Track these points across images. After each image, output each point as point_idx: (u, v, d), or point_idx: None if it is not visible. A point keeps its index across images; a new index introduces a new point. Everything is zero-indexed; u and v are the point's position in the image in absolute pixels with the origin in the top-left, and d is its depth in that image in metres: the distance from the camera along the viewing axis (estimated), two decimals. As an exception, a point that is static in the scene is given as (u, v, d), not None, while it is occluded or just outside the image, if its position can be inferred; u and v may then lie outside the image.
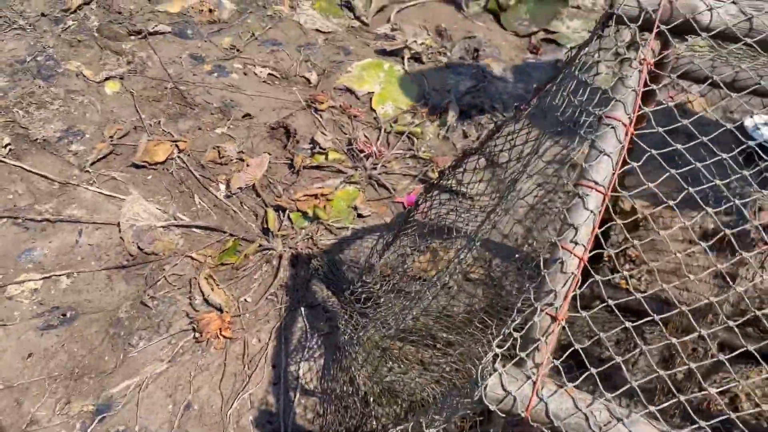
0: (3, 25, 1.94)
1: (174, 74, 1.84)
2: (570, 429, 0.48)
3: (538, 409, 0.48)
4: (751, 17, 0.53)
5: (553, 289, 0.50)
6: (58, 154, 1.58)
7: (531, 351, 0.50)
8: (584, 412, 0.47)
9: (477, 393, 0.49)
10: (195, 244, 1.40)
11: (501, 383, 0.49)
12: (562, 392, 0.48)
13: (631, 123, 0.52)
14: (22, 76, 1.77)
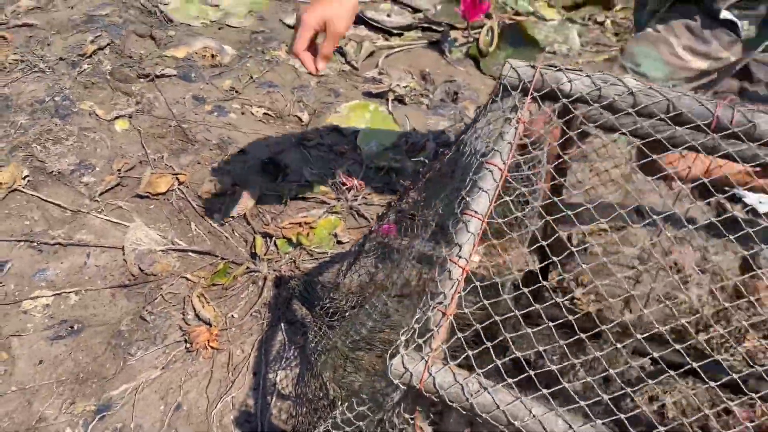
0: (25, 68, 2.15)
1: (177, 113, 2.03)
2: (451, 396, 0.63)
3: (429, 382, 0.64)
4: (600, 87, 0.70)
5: (443, 292, 0.66)
6: (71, 185, 1.76)
7: (426, 338, 0.66)
8: (461, 383, 0.63)
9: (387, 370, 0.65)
10: (190, 266, 1.56)
11: (402, 363, 0.65)
12: (446, 369, 0.64)
13: (505, 167, 0.68)
14: (40, 114, 1.96)
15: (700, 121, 0.66)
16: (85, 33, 2.34)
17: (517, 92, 0.72)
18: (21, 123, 1.92)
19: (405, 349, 0.66)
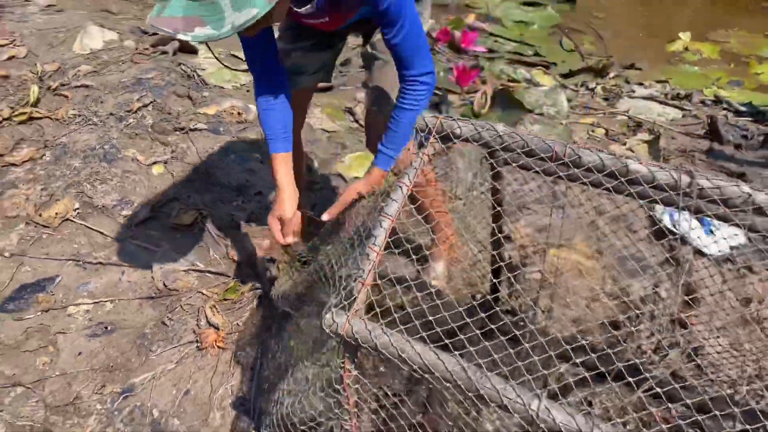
0: (81, 121, 2.54)
1: (206, 161, 2.38)
2: (362, 339, 0.90)
3: (348, 330, 0.91)
4: (479, 131, 0.99)
5: (363, 268, 0.94)
6: (113, 216, 2.10)
7: (350, 301, 0.93)
8: (368, 329, 0.90)
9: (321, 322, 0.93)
10: (206, 283, 1.87)
11: (332, 317, 0.92)
12: (360, 321, 0.92)
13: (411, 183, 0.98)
14: (91, 159, 2.33)
15: (544, 154, 0.95)
16: (133, 93, 2.74)
17: (424, 134, 1.02)
18: (75, 166, 2.29)
19: (334, 308, 0.94)
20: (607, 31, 4.36)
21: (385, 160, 1.41)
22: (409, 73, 1.37)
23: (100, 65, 2.94)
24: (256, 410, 1.51)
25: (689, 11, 4.74)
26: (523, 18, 4.42)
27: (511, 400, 0.80)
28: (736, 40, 4.32)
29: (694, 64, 4.00)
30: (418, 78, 1.37)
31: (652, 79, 3.72)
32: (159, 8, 1.05)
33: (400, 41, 1.32)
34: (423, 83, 1.38)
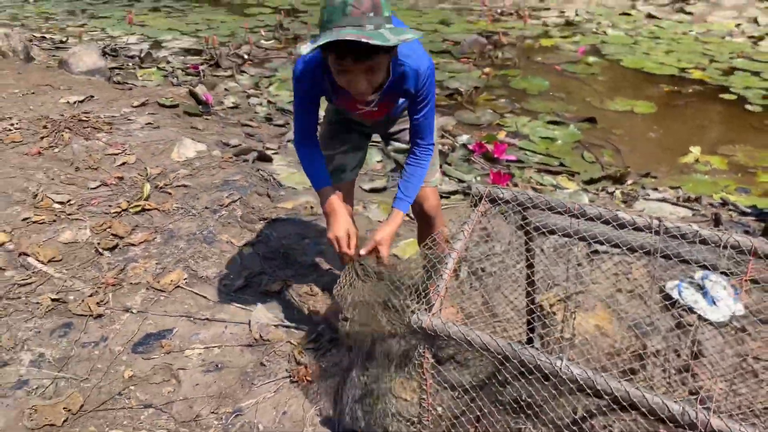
0: (183, 213, 3.09)
1: (285, 243, 2.88)
2: (439, 330, 1.32)
3: (429, 326, 1.33)
4: (516, 196, 1.46)
5: (438, 285, 1.38)
6: (214, 285, 2.58)
7: (429, 306, 1.36)
8: (444, 323, 1.32)
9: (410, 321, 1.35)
10: (293, 336, 2.30)
11: (418, 316, 1.35)
12: (437, 319, 1.34)
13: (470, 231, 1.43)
14: (194, 241, 2.85)
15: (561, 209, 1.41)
16: (222, 192, 3.31)
17: (478, 197, 1.49)
18: (181, 246, 2.81)
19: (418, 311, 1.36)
20: (624, 145, 4.90)
21: (405, 205, 1.91)
22: (424, 142, 1.90)
23: (195, 170, 3.54)
24: (339, 427, 1.89)
25: (699, 129, 5.28)
26: (548, 135, 5.00)
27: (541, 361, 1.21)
28: (743, 154, 4.80)
29: (704, 174, 4.47)
30: (429, 145, 1.91)
31: (665, 185, 4.19)
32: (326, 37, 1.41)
33: (424, 116, 1.85)
34: (431, 149, 1.92)
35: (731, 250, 1.22)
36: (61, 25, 7.71)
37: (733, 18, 8.31)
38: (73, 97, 4.61)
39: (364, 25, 1.42)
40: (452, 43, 7.15)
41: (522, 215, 1.58)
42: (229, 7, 8.73)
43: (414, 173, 1.92)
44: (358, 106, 1.84)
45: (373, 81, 1.58)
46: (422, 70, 1.73)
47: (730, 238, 1.22)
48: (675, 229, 1.29)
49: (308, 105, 1.86)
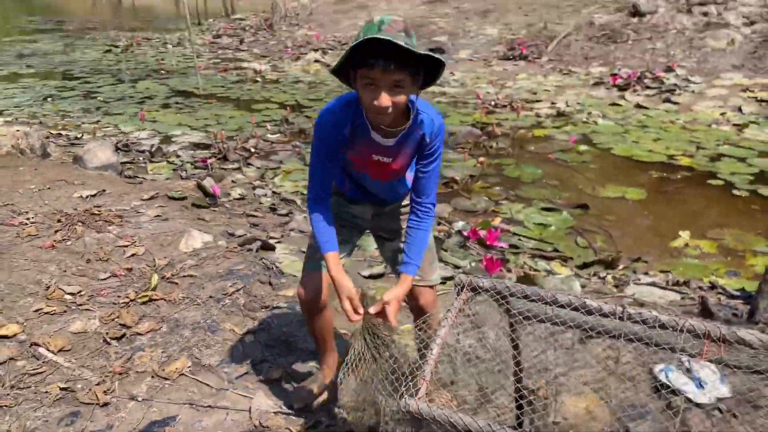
0: (188, 302, 3.22)
1: (286, 331, 2.99)
2: (425, 414, 1.42)
3: (416, 409, 1.43)
4: (495, 285, 1.59)
5: (425, 370, 1.50)
6: (217, 373, 2.68)
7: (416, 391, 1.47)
8: (429, 408, 1.42)
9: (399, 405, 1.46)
10: (292, 422, 2.38)
11: (406, 401, 1.46)
12: (423, 403, 1.45)
13: (454, 315, 1.55)
14: (198, 330, 2.96)
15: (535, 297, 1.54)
16: (227, 281, 3.45)
17: (460, 287, 1.63)
18: (186, 335, 2.92)
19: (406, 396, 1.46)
20: (616, 231, 5.06)
21: (413, 269, 2.01)
22: (426, 200, 2.03)
23: (201, 260, 3.70)
24: None
25: (689, 214, 5.45)
26: (542, 221, 5.18)
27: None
28: (732, 238, 4.95)
29: (694, 258, 4.61)
30: (430, 205, 2.04)
31: (656, 270, 4.32)
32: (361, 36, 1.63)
33: (430, 171, 1.99)
34: (432, 209, 2.04)
35: (687, 333, 1.34)
36: (76, 122, 8.10)
37: (717, 107, 8.68)
38: (86, 192, 4.84)
39: (397, 38, 1.61)
40: (447, 135, 7.47)
41: (505, 302, 1.71)
42: (237, 103, 9.17)
43: (417, 236, 2.03)
44: (374, 157, 1.96)
45: (396, 101, 1.71)
46: (437, 121, 1.94)
47: (686, 323, 1.34)
48: (637, 315, 1.42)
49: (326, 155, 1.95)
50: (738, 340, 1.28)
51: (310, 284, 2.21)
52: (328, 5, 18.21)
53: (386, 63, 1.64)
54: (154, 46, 14.53)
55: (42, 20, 20.53)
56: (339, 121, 1.91)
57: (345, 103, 1.91)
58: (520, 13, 13.95)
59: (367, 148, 1.96)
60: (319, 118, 1.94)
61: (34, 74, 11.28)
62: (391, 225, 2.29)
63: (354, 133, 1.93)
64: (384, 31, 1.64)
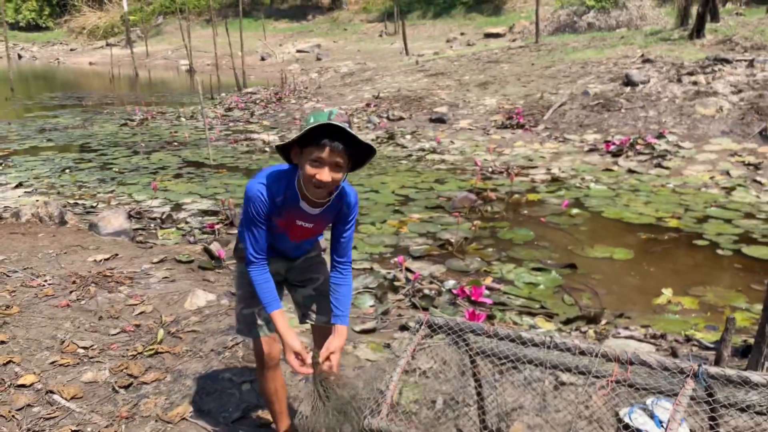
0: (192, 354, 3.47)
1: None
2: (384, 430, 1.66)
3: (377, 426, 1.67)
4: (449, 323, 1.85)
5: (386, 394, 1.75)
6: (215, 417, 2.90)
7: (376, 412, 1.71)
8: (388, 426, 1.66)
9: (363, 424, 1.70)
10: (281, 459, 2.59)
11: (368, 420, 1.70)
12: (384, 421, 1.69)
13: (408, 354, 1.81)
14: (200, 379, 3.20)
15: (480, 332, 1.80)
16: (227, 336, 3.71)
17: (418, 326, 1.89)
18: (188, 384, 3.16)
19: (370, 416, 1.70)
20: (602, 289, 5.29)
21: (346, 320, 2.32)
22: (347, 260, 2.36)
23: (204, 317, 3.97)
24: None
25: (673, 272, 5.68)
26: (531, 280, 5.43)
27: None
28: (713, 294, 5.17)
29: (676, 314, 4.82)
30: (348, 263, 2.37)
31: (637, 324, 4.53)
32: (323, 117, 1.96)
33: (348, 236, 2.33)
34: (350, 266, 2.37)
35: (601, 358, 1.60)
36: (92, 191, 8.53)
37: (707, 171, 9.01)
38: (100, 256, 5.16)
39: (345, 126, 1.96)
40: (445, 199, 7.82)
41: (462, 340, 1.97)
42: (245, 172, 9.61)
43: (343, 291, 2.36)
44: (297, 222, 2.25)
45: (335, 178, 2.03)
46: (354, 194, 2.27)
47: (601, 349, 1.60)
48: (561, 344, 1.68)
49: (259, 222, 2.18)
50: (640, 362, 1.54)
51: (273, 346, 2.44)
52: (336, 79, 19.05)
53: (336, 145, 1.99)
54: (168, 119, 15.21)
55: (63, 96, 21.51)
56: (272, 193, 2.18)
57: (276, 177, 2.18)
58: (519, 85, 14.56)
59: (293, 215, 2.23)
60: (252, 191, 2.15)
61: (54, 147, 11.86)
62: (302, 276, 2.52)
63: (284, 203, 2.21)
64: (333, 119, 1.98)
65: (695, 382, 1.49)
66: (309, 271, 2.56)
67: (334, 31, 37.33)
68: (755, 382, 1.43)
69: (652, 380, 1.67)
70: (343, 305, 2.35)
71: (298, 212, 2.22)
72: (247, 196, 2.18)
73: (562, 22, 26.11)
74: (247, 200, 2.18)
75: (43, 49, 46.98)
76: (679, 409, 1.41)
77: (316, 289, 2.55)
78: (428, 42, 30.12)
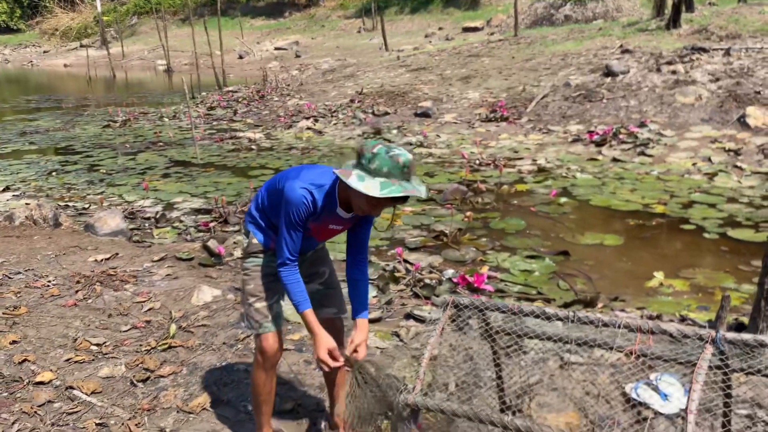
0: (204, 348, 3.53)
1: (294, 370, 3.29)
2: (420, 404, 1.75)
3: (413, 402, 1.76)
4: (473, 301, 1.95)
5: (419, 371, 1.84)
6: (235, 406, 2.97)
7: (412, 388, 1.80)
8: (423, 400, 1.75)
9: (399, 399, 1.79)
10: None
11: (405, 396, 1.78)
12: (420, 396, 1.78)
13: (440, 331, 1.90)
14: (215, 371, 3.27)
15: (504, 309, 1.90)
16: (237, 329, 3.77)
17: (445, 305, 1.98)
18: (205, 375, 3.23)
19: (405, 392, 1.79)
20: (595, 274, 5.43)
21: (367, 313, 2.42)
22: (363, 256, 2.45)
23: (212, 312, 4.03)
24: None
25: (662, 256, 5.84)
26: (526, 267, 5.55)
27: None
28: (703, 276, 5.33)
29: (668, 295, 4.97)
30: (366, 259, 2.45)
31: (633, 307, 4.67)
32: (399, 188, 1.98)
33: (367, 231, 2.41)
34: (366, 262, 2.45)
35: (624, 329, 1.70)
36: (81, 193, 8.50)
37: (689, 158, 9.22)
38: (100, 256, 5.18)
39: (411, 181, 2.04)
40: (436, 192, 7.92)
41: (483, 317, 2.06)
42: (234, 171, 9.63)
43: (363, 286, 2.45)
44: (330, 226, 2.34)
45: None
46: None
47: (623, 321, 1.71)
48: (585, 317, 1.78)
49: (301, 225, 2.23)
50: (661, 331, 1.65)
51: (279, 341, 2.53)
52: (317, 76, 19.06)
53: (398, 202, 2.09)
54: (151, 119, 15.12)
55: (40, 99, 21.24)
56: (314, 199, 2.24)
57: (318, 183, 2.21)
58: (501, 78, 14.70)
59: (329, 220, 2.30)
60: (295, 197, 2.18)
61: (37, 150, 11.76)
62: (309, 270, 2.54)
63: (323, 210, 2.27)
64: (406, 173, 2.01)
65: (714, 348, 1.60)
66: (316, 264, 2.62)
67: (311, 28, 37.22)
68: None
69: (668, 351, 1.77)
70: (363, 300, 2.43)
71: (334, 217, 2.28)
72: (289, 199, 2.20)
73: (540, 14, 26.34)
74: (288, 204, 2.20)
75: (15, 51, 46.19)
76: (700, 372, 1.51)
77: (322, 283, 2.62)
78: (407, 37, 30.18)
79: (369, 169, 2.03)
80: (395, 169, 2.01)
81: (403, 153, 2.03)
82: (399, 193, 1.98)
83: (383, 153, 2.02)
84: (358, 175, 2.04)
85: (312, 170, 2.30)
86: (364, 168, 2.05)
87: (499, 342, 2.19)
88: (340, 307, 2.62)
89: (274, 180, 2.40)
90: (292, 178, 2.25)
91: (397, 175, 2.00)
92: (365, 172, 2.04)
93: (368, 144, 2.09)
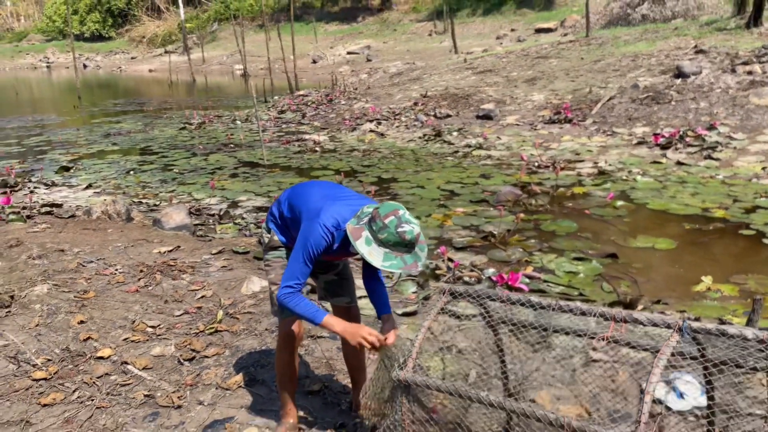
0: (248, 332, 3.80)
1: (327, 353, 3.52)
2: (411, 381, 1.91)
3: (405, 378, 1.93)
4: (468, 290, 2.09)
5: (412, 350, 2.01)
6: (268, 386, 3.22)
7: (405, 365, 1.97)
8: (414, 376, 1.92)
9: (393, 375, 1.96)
10: (326, 424, 2.88)
11: (397, 373, 1.95)
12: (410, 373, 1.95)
13: (434, 313, 2.06)
14: (254, 354, 3.53)
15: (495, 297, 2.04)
16: (280, 317, 4.03)
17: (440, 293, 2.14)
18: (245, 357, 3.49)
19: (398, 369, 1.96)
20: (642, 277, 5.40)
21: (390, 309, 2.63)
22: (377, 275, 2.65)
23: (259, 300, 4.31)
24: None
25: (715, 261, 5.73)
26: (572, 269, 5.58)
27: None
28: (755, 282, 5.21)
29: (714, 300, 4.90)
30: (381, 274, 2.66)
31: (674, 310, 4.64)
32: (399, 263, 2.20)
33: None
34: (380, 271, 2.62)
35: (600, 317, 1.82)
36: (155, 191, 9.08)
37: (759, 162, 8.89)
38: (164, 248, 5.59)
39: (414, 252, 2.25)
40: (489, 194, 8.00)
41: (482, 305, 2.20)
42: (297, 171, 10.01)
43: (381, 290, 2.68)
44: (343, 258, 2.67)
45: None
46: None
47: (598, 310, 1.82)
48: (565, 306, 1.90)
49: (313, 260, 2.39)
50: (633, 320, 1.75)
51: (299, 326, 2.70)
52: (384, 79, 19.37)
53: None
54: (224, 122, 15.82)
55: (125, 102, 22.56)
56: (333, 239, 2.42)
57: (337, 228, 2.38)
58: (567, 80, 14.53)
59: (342, 253, 2.52)
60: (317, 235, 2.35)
61: (118, 151, 12.57)
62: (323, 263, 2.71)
63: (339, 247, 2.46)
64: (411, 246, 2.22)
65: (681, 336, 1.69)
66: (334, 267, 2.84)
67: (383, 32, 37.71)
68: (730, 334, 1.62)
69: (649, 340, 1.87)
70: (385, 301, 2.66)
71: (347, 250, 2.48)
72: (311, 233, 2.36)
73: (615, 14, 25.70)
74: (309, 237, 2.36)
75: (106, 58, 49.07)
76: (662, 357, 1.61)
77: (337, 273, 2.81)
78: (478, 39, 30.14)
79: (377, 237, 2.23)
80: (400, 245, 2.21)
81: (411, 230, 2.21)
82: (398, 269, 2.20)
83: (393, 227, 2.21)
84: (366, 238, 2.24)
85: (338, 211, 2.41)
86: (372, 233, 2.24)
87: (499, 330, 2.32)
88: (352, 296, 2.81)
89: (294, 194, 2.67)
90: (313, 213, 2.43)
91: (401, 249, 2.21)
92: (373, 237, 2.24)
93: (383, 210, 2.27)
